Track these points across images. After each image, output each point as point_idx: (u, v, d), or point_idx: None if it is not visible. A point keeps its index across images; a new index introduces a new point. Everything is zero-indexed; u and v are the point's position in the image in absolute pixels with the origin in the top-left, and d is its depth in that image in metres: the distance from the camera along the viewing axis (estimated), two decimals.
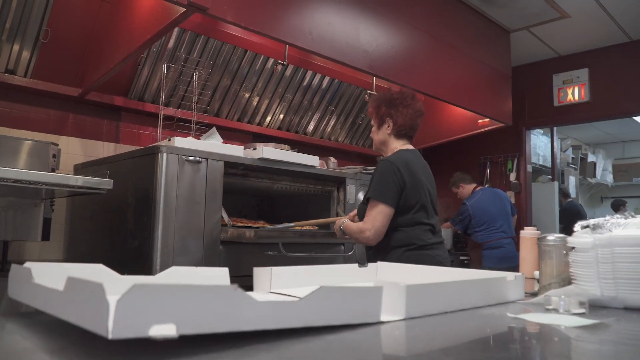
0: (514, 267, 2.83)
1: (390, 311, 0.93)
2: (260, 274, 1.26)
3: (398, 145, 2.41)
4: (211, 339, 0.67)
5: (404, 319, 0.93)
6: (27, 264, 0.92)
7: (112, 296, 0.59)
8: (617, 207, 7.59)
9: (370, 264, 1.63)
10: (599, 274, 1.19)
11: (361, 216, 2.33)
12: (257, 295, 1.16)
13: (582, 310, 1.08)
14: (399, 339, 0.83)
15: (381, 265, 1.62)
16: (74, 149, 3.20)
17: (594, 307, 1.19)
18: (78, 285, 0.65)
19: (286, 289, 1.27)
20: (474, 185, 4.99)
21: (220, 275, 1.13)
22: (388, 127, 2.40)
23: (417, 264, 2.03)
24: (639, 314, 1.13)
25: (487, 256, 4.70)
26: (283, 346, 0.70)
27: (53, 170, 2.57)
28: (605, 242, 1.19)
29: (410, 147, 2.44)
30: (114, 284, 0.97)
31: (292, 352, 0.68)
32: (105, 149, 3.34)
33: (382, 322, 0.89)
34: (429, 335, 0.85)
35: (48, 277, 0.84)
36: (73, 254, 2.97)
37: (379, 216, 2.21)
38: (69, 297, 0.67)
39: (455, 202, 5.29)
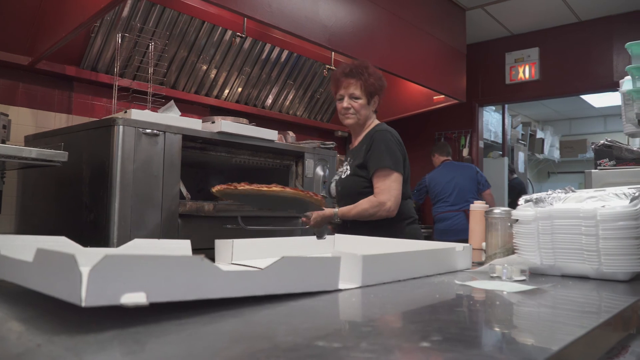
0: (458, 240, 2.94)
1: (348, 279, 0.99)
2: (222, 246, 1.30)
3: (375, 121, 2.43)
4: (179, 307, 0.71)
5: (360, 287, 0.99)
6: None
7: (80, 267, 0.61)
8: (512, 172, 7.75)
9: (327, 237, 1.68)
10: (539, 244, 1.28)
11: (351, 190, 2.26)
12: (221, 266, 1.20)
13: (523, 278, 1.17)
14: (355, 305, 0.89)
15: (338, 237, 1.68)
16: (25, 120, 3.10)
17: (534, 274, 1.28)
18: (49, 256, 0.67)
19: (247, 260, 1.31)
20: (444, 158, 5.03)
21: (182, 247, 1.16)
22: (374, 104, 2.39)
23: (414, 238, 2.04)
24: (574, 280, 1.23)
25: (435, 229, 4.84)
26: (248, 312, 0.74)
27: (3, 142, 2.49)
28: (545, 215, 1.28)
29: None
30: (78, 256, 0.99)
31: (257, 317, 0.73)
32: (57, 120, 3.25)
33: (340, 290, 0.95)
34: (383, 301, 0.91)
35: (12, 248, 0.85)
36: (25, 227, 2.90)
37: (394, 184, 2.16)
38: (39, 268, 0.69)
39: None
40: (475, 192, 4.74)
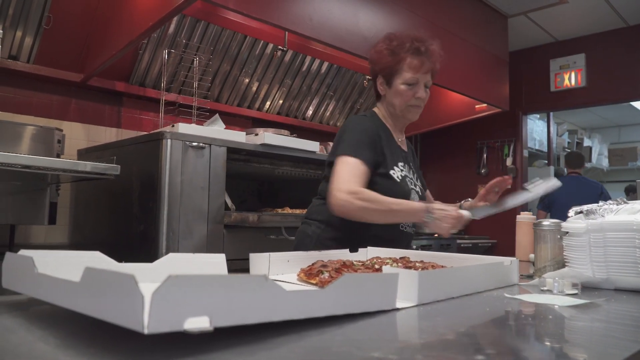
0: None
1: (404, 298, 0.95)
2: (258, 260, 1.26)
3: None
4: (236, 332, 0.65)
5: (416, 306, 0.96)
6: (24, 252, 0.86)
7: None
8: (628, 191, 7.51)
9: (360, 249, 1.65)
10: (591, 257, 1.25)
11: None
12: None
13: (575, 291, 1.14)
14: (406, 318, 0.88)
15: (371, 250, 1.64)
16: (77, 134, 3.24)
17: (586, 288, 1.25)
18: (100, 276, 0.61)
19: (283, 275, 1.29)
20: (570, 170, 5.01)
21: (217, 261, 1.12)
22: None
23: None
24: (629, 294, 1.20)
25: None
26: (330, 331, 0.72)
27: (58, 156, 2.61)
28: (597, 227, 1.25)
29: None
30: (137, 276, 0.98)
31: (319, 341, 0.69)
32: (108, 134, 3.37)
33: (398, 309, 0.91)
34: (434, 314, 0.91)
35: (44, 265, 0.79)
36: (78, 238, 3.02)
37: None
38: (89, 289, 0.63)
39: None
40: None
